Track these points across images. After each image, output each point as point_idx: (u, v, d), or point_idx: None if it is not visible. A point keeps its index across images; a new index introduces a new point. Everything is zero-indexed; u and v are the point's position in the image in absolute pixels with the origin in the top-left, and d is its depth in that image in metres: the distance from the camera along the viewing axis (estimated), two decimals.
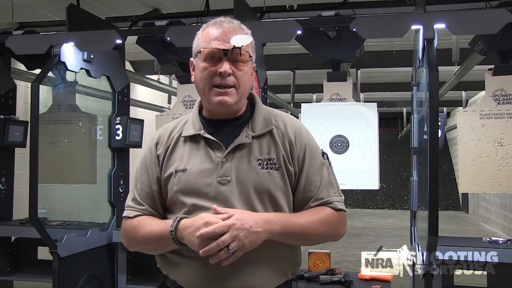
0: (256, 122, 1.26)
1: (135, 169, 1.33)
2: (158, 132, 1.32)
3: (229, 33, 1.19)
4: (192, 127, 1.27)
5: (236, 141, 1.22)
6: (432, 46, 2.35)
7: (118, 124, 3.27)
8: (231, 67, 1.19)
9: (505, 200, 8.04)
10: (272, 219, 1.15)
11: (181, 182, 1.21)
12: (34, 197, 2.72)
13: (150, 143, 1.31)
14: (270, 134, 1.25)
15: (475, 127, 2.72)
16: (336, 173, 1.32)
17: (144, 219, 1.24)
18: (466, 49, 3.64)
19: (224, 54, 1.18)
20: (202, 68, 1.21)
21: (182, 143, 1.26)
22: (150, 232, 1.20)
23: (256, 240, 1.11)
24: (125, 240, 1.29)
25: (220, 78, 1.19)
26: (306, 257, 2.45)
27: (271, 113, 1.30)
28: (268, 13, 3.41)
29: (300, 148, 1.25)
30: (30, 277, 3.36)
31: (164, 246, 1.19)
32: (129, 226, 1.25)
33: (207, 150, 1.23)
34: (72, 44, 2.96)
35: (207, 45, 1.20)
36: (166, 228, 1.16)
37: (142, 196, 1.27)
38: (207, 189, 1.19)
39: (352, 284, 2.27)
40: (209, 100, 1.22)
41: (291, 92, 6.20)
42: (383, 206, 13.05)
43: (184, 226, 1.14)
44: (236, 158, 1.22)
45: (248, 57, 1.22)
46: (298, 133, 1.27)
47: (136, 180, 1.30)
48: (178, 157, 1.24)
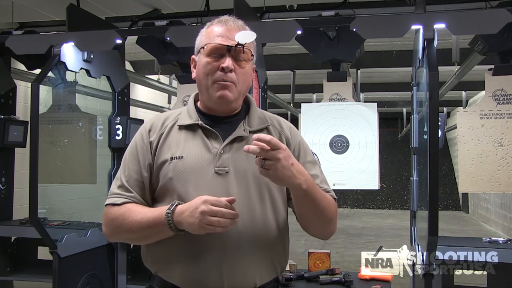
0: (252, 119, 1.28)
1: (123, 158, 1.29)
2: (150, 121, 1.30)
3: (233, 31, 1.21)
4: (188, 117, 1.26)
5: (235, 133, 1.24)
6: (432, 46, 2.35)
7: (118, 124, 3.27)
8: (234, 64, 1.20)
9: (505, 200, 8.04)
10: (308, 176, 1.15)
11: (177, 169, 1.20)
12: (34, 197, 2.72)
13: (142, 130, 1.28)
14: (266, 131, 1.28)
15: (475, 127, 2.72)
16: (336, 173, 1.34)
17: (134, 206, 1.20)
18: (466, 49, 3.64)
19: (227, 50, 1.20)
20: (205, 63, 1.22)
21: (176, 131, 1.25)
22: (141, 218, 1.16)
23: (287, 177, 1.10)
24: (109, 228, 1.23)
25: (222, 73, 1.20)
26: (306, 257, 2.45)
27: (265, 113, 1.34)
28: (268, 13, 3.41)
29: (295, 144, 1.30)
30: (30, 277, 3.36)
31: (156, 233, 1.17)
32: (116, 213, 1.20)
33: (204, 140, 1.23)
34: (72, 44, 2.96)
35: (211, 41, 1.21)
36: (160, 213, 1.14)
37: (131, 183, 1.23)
38: (204, 178, 1.19)
39: (352, 284, 2.27)
40: (210, 95, 1.23)
41: (291, 92, 6.20)
42: (383, 206, 13.04)
43: (181, 210, 1.12)
44: (234, 150, 1.23)
45: (250, 55, 1.24)
46: (293, 131, 1.33)
47: (124, 167, 1.26)
48: (174, 144, 1.23)
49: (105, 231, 1.24)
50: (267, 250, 1.21)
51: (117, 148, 3.32)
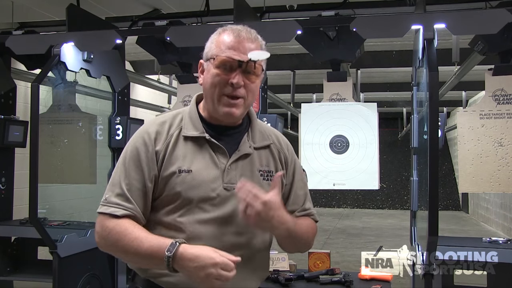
0: (255, 134, 1.29)
1: (117, 163, 1.23)
2: (153, 127, 1.23)
3: (246, 42, 1.18)
4: (193, 127, 1.23)
5: (242, 150, 1.24)
6: (432, 46, 2.35)
7: (118, 124, 3.27)
8: (243, 79, 1.18)
9: (505, 200, 8.05)
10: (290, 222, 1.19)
11: (186, 183, 1.17)
12: (34, 197, 2.72)
13: (145, 136, 1.21)
14: (268, 148, 1.30)
15: (475, 127, 2.72)
16: (336, 173, 1.38)
17: (131, 227, 1.14)
18: (466, 49, 3.64)
19: (238, 65, 1.17)
20: (214, 75, 1.19)
21: (182, 142, 1.22)
22: (138, 246, 1.11)
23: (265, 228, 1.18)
24: (103, 240, 1.17)
25: (231, 88, 1.18)
26: (306, 257, 2.45)
27: (264, 127, 1.35)
28: (268, 13, 3.41)
29: (291, 163, 1.34)
30: (30, 277, 3.36)
31: (151, 264, 1.15)
32: (114, 227, 1.15)
33: (211, 154, 1.22)
34: (72, 44, 2.96)
35: (222, 52, 1.18)
36: (160, 247, 1.09)
37: (132, 193, 1.17)
38: (213, 193, 1.19)
39: (352, 284, 2.26)
40: (216, 108, 1.21)
41: (291, 92, 6.20)
42: (383, 206, 13.05)
43: (184, 256, 1.07)
44: (240, 167, 1.23)
45: (260, 70, 1.22)
46: (290, 149, 1.36)
47: (124, 174, 1.19)
48: (181, 156, 1.20)
49: (98, 241, 1.19)
50: (258, 263, 1.26)
51: (117, 148, 3.31)
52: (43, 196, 3.04)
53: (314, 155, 2.96)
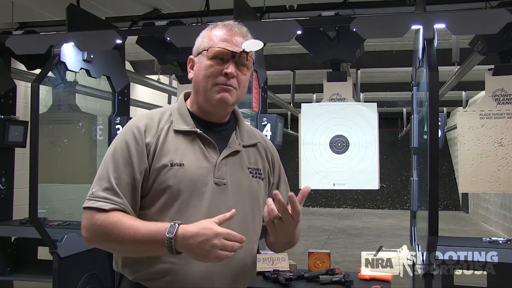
0: (242, 132, 1.31)
1: (105, 157, 1.21)
2: (142, 121, 1.22)
3: (238, 37, 1.21)
4: (183, 121, 1.24)
5: (233, 147, 1.26)
6: (432, 46, 2.35)
7: (118, 124, 3.27)
8: (236, 70, 1.21)
9: (505, 200, 8.05)
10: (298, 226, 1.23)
11: (178, 177, 1.17)
12: (34, 197, 2.72)
13: (134, 130, 1.20)
14: (255, 146, 1.32)
15: (475, 127, 2.72)
16: (336, 173, 1.39)
17: (124, 217, 1.12)
18: (466, 49, 3.64)
19: (232, 56, 1.20)
20: (206, 66, 1.21)
21: (173, 135, 1.21)
22: (134, 233, 1.09)
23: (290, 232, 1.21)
24: (92, 234, 1.14)
25: (224, 78, 1.20)
26: (306, 257, 2.45)
27: (249, 127, 1.38)
28: (268, 13, 3.41)
29: (277, 163, 1.37)
30: (30, 277, 3.35)
31: (149, 250, 1.12)
32: (104, 220, 1.11)
33: (202, 148, 1.22)
34: (72, 44, 2.96)
35: (215, 44, 1.20)
36: (157, 231, 1.07)
37: (121, 187, 1.15)
38: (204, 188, 1.19)
39: (352, 284, 2.26)
40: (209, 97, 1.22)
41: (291, 92, 6.20)
42: (383, 206, 13.05)
43: (185, 235, 1.06)
44: (230, 163, 1.24)
45: (252, 63, 1.25)
46: (275, 150, 1.40)
47: (112, 167, 1.17)
48: (172, 149, 1.19)
49: (86, 236, 1.16)
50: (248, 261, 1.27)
51: None
52: (43, 196, 3.04)
53: (314, 155, 2.96)
